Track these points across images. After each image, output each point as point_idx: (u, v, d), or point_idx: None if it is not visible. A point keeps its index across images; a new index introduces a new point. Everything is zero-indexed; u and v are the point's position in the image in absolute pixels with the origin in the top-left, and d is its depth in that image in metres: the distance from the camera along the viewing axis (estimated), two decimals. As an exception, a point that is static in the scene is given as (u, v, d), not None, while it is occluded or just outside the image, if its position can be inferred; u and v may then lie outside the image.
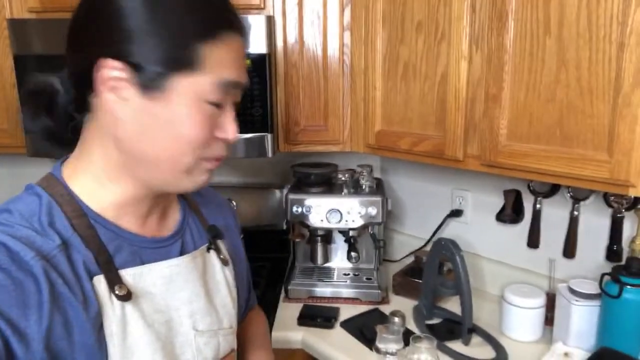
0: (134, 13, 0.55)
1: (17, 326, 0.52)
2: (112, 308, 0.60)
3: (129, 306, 0.61)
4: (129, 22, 0.55)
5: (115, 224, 0.64)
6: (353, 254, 1.49)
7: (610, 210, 1.24)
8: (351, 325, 1.34)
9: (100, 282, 0.60)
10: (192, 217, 0.77)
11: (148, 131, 0.59)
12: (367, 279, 1.55)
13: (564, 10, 0.94)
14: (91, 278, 0.59)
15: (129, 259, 0.64)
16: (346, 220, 1.45)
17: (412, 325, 1.34)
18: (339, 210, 1.44)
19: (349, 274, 1.58)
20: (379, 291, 1.47)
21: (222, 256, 0.78)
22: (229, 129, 0.63)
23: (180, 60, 0.57)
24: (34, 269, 0.54)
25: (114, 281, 0.61)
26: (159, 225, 0.71)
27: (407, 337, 1.10)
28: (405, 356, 1.09)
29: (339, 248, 1.62)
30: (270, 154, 1.43)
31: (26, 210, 0.59)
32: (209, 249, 0.76)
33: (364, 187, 1.51)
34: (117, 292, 0.60)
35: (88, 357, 0.57)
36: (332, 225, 1.46)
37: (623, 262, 1.17)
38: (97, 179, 0.63)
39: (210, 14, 0.59)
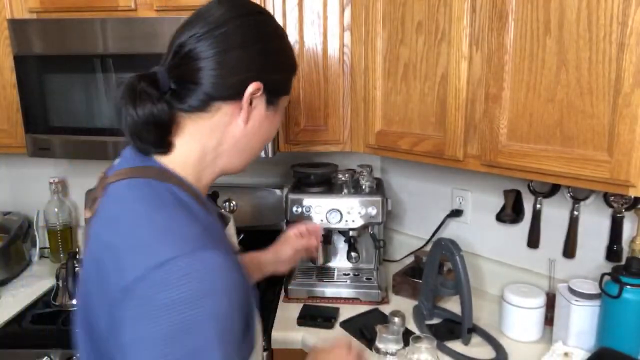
0: (268, 55, 0.77)
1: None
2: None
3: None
4: (267, 60, 0.77)
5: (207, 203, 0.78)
6: (353, 254, 1.49)
7: (610, 210, 1.24)
8: (351, 325, 1.34)
9: None
10: None
11: (260, 130, 0.80)
12: (367, 279, 1.55)
13: (564, 11, 0.94)
14: None
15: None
16: (346, 221, 1.45)
17: (412, 325, 1.35)
18: (339, 211, 1.44)
19: (349, 274, 1.58)
20: (379, 291, 1.47)
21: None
22: None
23: (289, 87, 0.84)
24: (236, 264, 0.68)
25: (230, 244, 0.76)
26: None
27: (407, 337, 1.10)
28: (405, 356, 1.09)
29: (339, 248, 1.62)
30: (270, 154, 1.43)
31: (180, 203, 0.70)
32: (231, 211, 0.96)
33: (364, 187, 1.51)
34: (234, 251, 0.74)
35: (251, 307, 0.72)
36: (332, 225, 1.46)
37: (623, 262, 1.17)
38: (195, 166, 0.76)
39: (292, 57, 0.83)
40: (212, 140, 0.76)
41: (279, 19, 1.43)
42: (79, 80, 1.42)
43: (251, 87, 0.74)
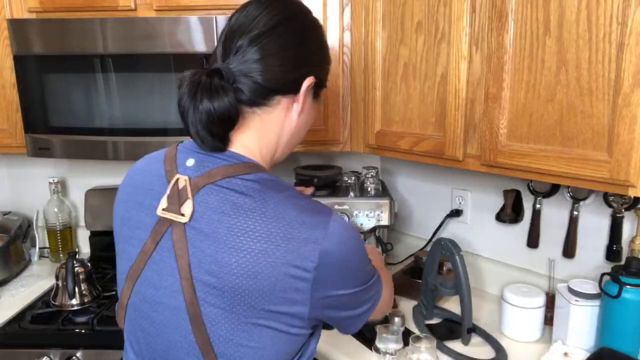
0: (321, 50, 0.86)
1: None
2: None
3: None
4: (320, 56, 0.86)
5: None
6: None
7: (610, 210, 1.24)
8: (351, 325, 1.34)
9: None
10: None
11: (308, 120, 0.87)
12: None
13: (564, 11, 0.94)
14: None
15: None
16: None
17: (412, 325, 1.35)
18: (346, 214, 1.41)
19: None
20: None
21: None
22: None
23: (326, 80, 0.89)
24: None
25: None
26: None
27: (407, 337, 1.10)
28: (405, 356, 1.10)
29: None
30: (270, 154, 1.42)
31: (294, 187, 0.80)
32: None
33: (369, 189, 1.47)
34: None
35: None
36: None
37: (623, 262, 1.17)
38: (266, 159, 0.82)
39: (328, 49, 0.89)
40: (274, 134, 0.82)
41: (278, 19, 1.43)
42: (78, 80, 1.42)
43: (307, 81, 0.81)
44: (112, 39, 1.37)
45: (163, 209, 0.74)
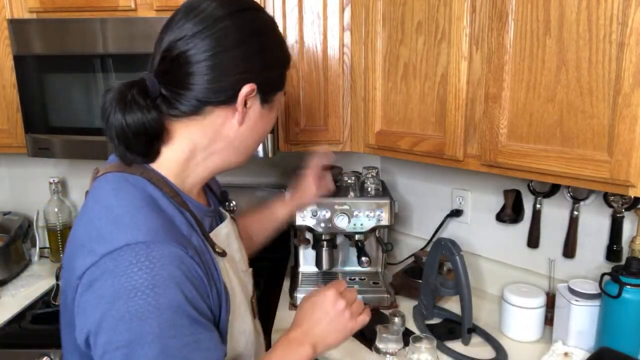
0: (263, 53, 0.75)
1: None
2: (220, 263, 0.76)
3: (224, 260, 0.79)
4: (261, 59, 0.75)
5: (194, 199, 0.79)
6: (364, 258, 1.43)
7: (610, 210, 1.24)
8: (351, 325, 1.34)
9: (208, 246, 0.76)
10: (206, 188, 0.92)
11: (256, 128, 0.79)
12: (374, 283, 1.52)
13: (564, 11, 0.94)
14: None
15: (208, 225, 0.80)
16: (354, 224, 1.42)
17: (412, 325, 1.35)
18: (346, 214, 1.41)
19: (354, 279, 1.54)
20: (388, 296, 1.45)
21: (232, 215, 0.96)
22: None
23: (283, 82, 0.81)
24: (198, 263, 0.68)
25: (212, 243, 0.77)
26: (204, 199, 0.86)
27: (407, 337, 1.10)
28: (405, 356, 1.09)
29: (342, 252, 1.60)
30: (270, 154, 1.43)
31: (147, 196, 0.70)
32: (226, 209, 0.94)
33: (369, 189, 1.47)
34: (217, 250, 0.77)
35: (219, 304, 0.73)
36: (340, 229, 1.41)
37: (623, 262, 1.17)
38: (182, 165, 0.76)
39: (286, 51, 0.81)
40: (203, 140, 0.75)
41: (278, 19, 1.43)
42: (79, 80, 1.41)
43: (245, 89, 0.72)
44: (112, 39, 1.37)
45: None
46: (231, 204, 0.99)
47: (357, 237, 1.48)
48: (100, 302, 0.62)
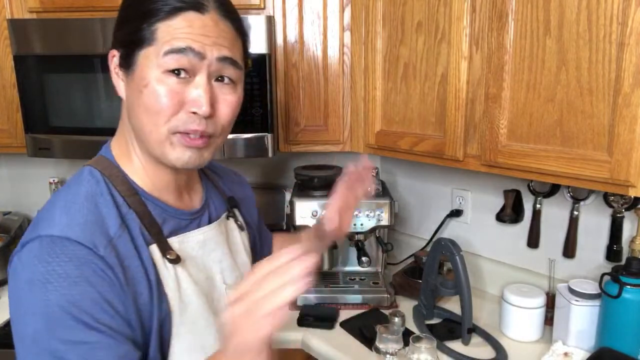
0: (122, 11, 0.70)
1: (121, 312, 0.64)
2: (166, 270, 0.71)
3: (179, 268, 0.73)
4: (118, 21, 0.70)
5: (160, 200, 0.75)
6: (364, 258, 1.43)
7: (610, 210, 1.24)
8: (351, 325, 1.34)
9: (155, 250, 0.71)
10: (212, 191, 0.89)
11: (133, 105, 0.69)
12: (374, 283, 1.52)
13: (564, 11, 0.94)
14: (148, 247, 0.70)
15: (173, 229, 0.76)
16: (354, 224, 1.42)
17: (412, 325, 1.34)
18: None
19: (354, 279, 1.55)
20: (388, 296, 1.45)
21: (239, 222, 0.91)
22: (198, 100, 0.67)
23: (138, 39, 0.67)
24: (111, 266, 0.64)
25: (165, 248, 0.72)
26: (190, 200, 0.82)
27: (407, 337, 1.10)
28: (405, 356, 1.09)
29: (342, 252, 1.60)
30: (270, 154, 1.43)
31: (89, 192, 0.68)
32: (228, 217, 0.89)
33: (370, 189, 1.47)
34: (168, 257, 0.72)
35: (150, 313, 0.68)
36: None
37: (623, 262, 1.17)
38: (138, 158, 0.73)
39: (146, 2, 0.67)
40: (125, 120, 0.74)
41: (278, 19, 1.43)
42: (79, 80, 1.41)
43: (110, 56, 0.72)
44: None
45: None
46: (236, 216, 0.92)
47: (357, 237, 1.48)
48: (10, 291, 0.64)
